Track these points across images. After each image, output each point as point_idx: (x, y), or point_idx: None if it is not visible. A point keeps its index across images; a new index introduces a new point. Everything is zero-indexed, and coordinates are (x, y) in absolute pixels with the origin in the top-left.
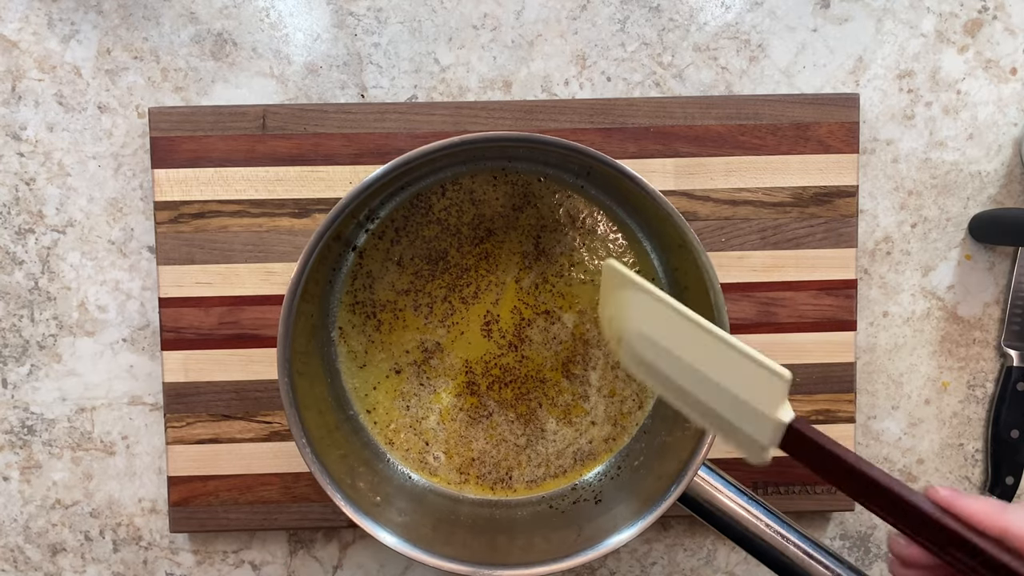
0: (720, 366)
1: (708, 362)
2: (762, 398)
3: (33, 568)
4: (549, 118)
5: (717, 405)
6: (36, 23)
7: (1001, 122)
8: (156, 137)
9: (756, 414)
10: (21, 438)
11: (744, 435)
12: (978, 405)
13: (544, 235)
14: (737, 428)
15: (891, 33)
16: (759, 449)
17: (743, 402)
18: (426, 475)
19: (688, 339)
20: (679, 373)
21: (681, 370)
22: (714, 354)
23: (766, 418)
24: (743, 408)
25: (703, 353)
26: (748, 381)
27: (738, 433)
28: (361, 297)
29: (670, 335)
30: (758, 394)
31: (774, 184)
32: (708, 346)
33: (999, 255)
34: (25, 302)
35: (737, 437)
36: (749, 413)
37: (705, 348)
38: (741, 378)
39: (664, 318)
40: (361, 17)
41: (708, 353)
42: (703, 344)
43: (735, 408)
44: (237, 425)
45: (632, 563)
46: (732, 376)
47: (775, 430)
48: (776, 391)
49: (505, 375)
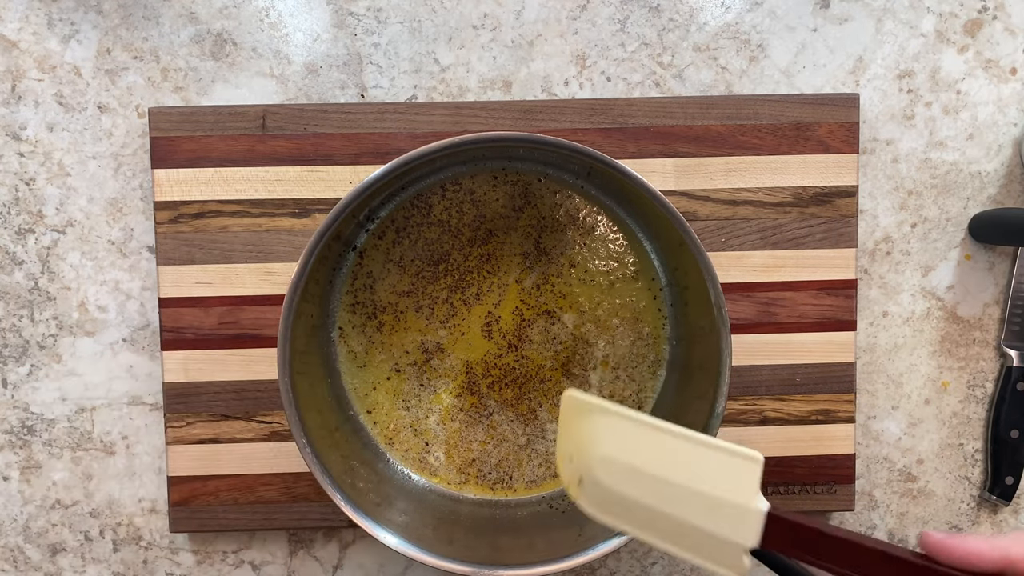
0: (690, 468)
1: (677, 468)
2: (737, 489)
3: (33, 568)
4: (549, 118)
5: (690, 514)
6: (36, 23)
7: (1001, 122)
8: (156, 137)
9: (732, 509)
10: (21, 438)
11: (722, 543)
12: (978, 405)
13: (544, 235)
14: (713, 536)
15: (891, 33)
16: (738, 554)
17: (717, 499)
18: (426, 475)
19: (654, 449)
20: (647, 492)
21: (649, 488)
22: (682, 456)
23: (743, 511)
24: (718, 507)
25: (671, 459)
26: (720, 475)
27: (714, 542)
28: (361, 297)
29: (636, 451)
30: (732, 486)
31: (774, 184)
32: (676, 449)
33: (999, 255)
34: (25, 302)
35: (713, 549)
36: (725, 511)
37: (673, 453)
38: (712, 473)
39: (629, 433)
40: (361, 17)
41: (676, 457)
42: (670, 448)
43: (709, 511)
44: (237, 425)
45: (632, 563)
46: (703, 474)
47: (754, 522)
48: (750, 477)
49: (505, 375)
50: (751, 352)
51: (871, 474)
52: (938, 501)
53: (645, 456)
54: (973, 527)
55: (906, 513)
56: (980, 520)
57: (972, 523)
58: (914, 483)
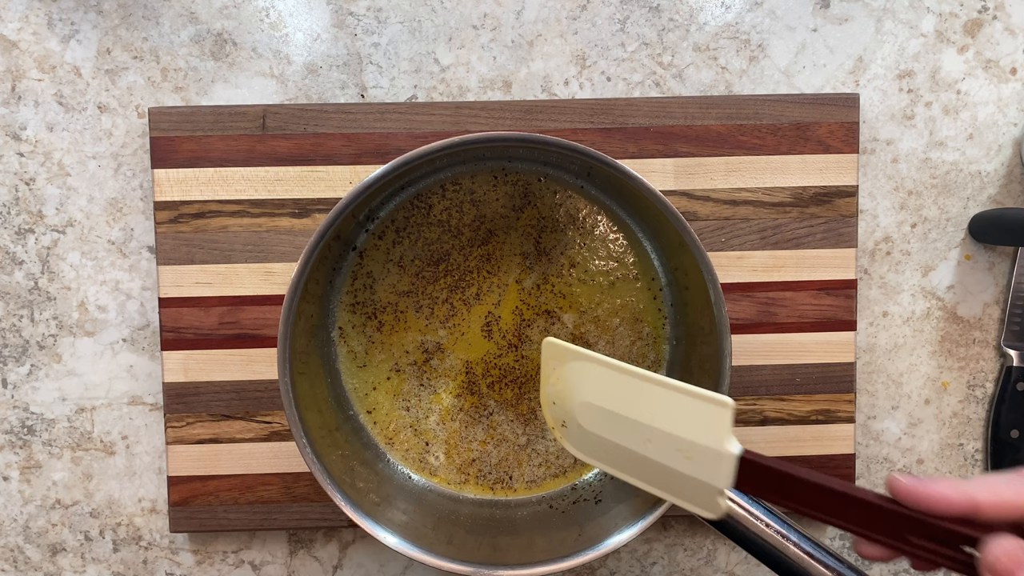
0: (664, 413)
1: (652, 412)
2: (709, 433)
3: (33, 568)
4: (549, 118)
5: (666, 458)
6: (36, 23)
7: (1001, 122)
8: (156, 137)
9: (705, 453)
10: (21, 438)
11: (696, 484)
12: (978, 405)
13: (544, 235)
14: (689, 478)
15: (891, 33)
16: (714, 495)
17: (691, 443)
18: (426, 475)
19: (630, 394)
20: (625, 435)
21: (627, 431)
22: (657, 401)
23: (716, 454)
24: (692, 451)
25: (647, 404)
26: (693, 419)
27: (691, 484)
28: (361, 297)
29: (613, 396)
30: (705, 430)
31: (774, 184)
32: (650, 394)
33: (999, 255)
34: (25, 302)
35: (691, 490)
36: (699, 455)
37: (648, 398)
38: (686, 418)
39: (606, 379)
40: (361, 17)
41: (651, 402)
42: (645, 394)
43: (684, 454)
44: (237, 425)
45: (632, 563)
46: (677, 419)
47: (727, 465)
48: (721, 422)
49: (505, 375)
50: (751, 352)
51: (871, 474)
52: None
53: (621, 401)
54: None
55: None
56: None
57: None
58: None
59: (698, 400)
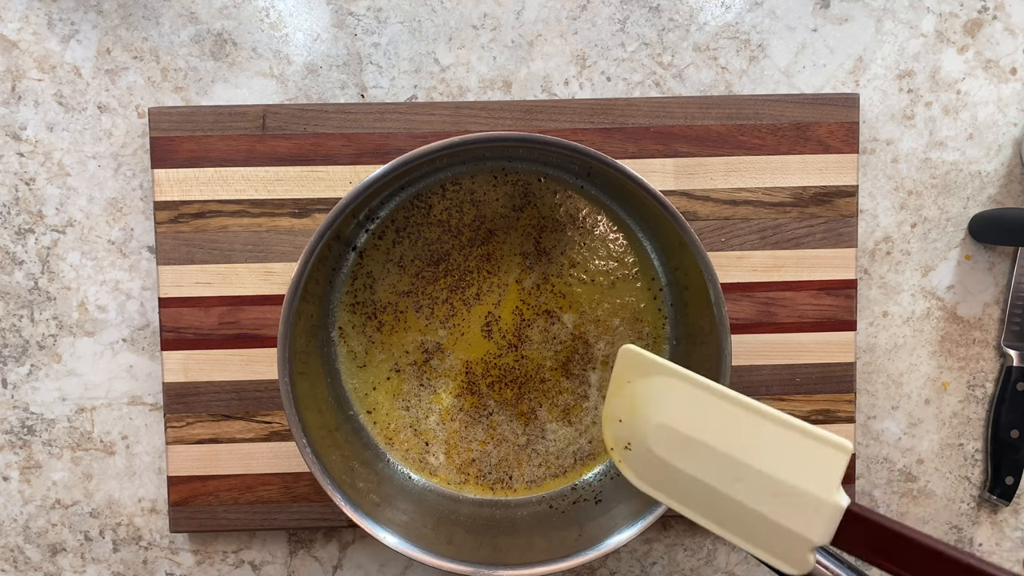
0: (764, 449)
1: (748, 446)
2: (816, 479)
3: (33, 568)
4: (549, 118)
5: (755, 500)
6: (36, 23)
7: (1001, 122)
8: (156, 137)
9: (806, 500)
10: (21, 438)
11: (786, 534)
12: (978, 405)
13: (544, 235)
14: (778, 526)
15: (891, 33)
16: (805, 549)
17: (790, 487)
18: (426, 475)
19: (724, 423)
20: (707, 469)
21: (710, 464)
22: (757, 435)
23: (819, 503)
24: (790, 495)
25: (742, 436)
26: (798, 461)
27: (778, 534)
28: (361, 297)
29: (702, 422)
30: (811, 475)
31: (774, 184)
32: (750, 426)
33: (999, 255)
34: (25, 302)
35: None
36: (797, 501)
37: (745, 429)
38: (790, 458)
39: (695, 402)
40: (361, 17)
41: (749, 435)
42: (743, 424)
43: (779, 499)
44: (237, 425)
45: (632, 563)
46: (779, 458)
47: (830, 517)
48: (833, 468)
49: (505, 375)
50: (751, 352)
51: (871, 474)
52: (938, 501)
53: (711, 429)
54: (973, 527)
55: (906, 513)
56: (980, 520)
57: (972, 523)
58: (914, 483)
59: (812, 440)
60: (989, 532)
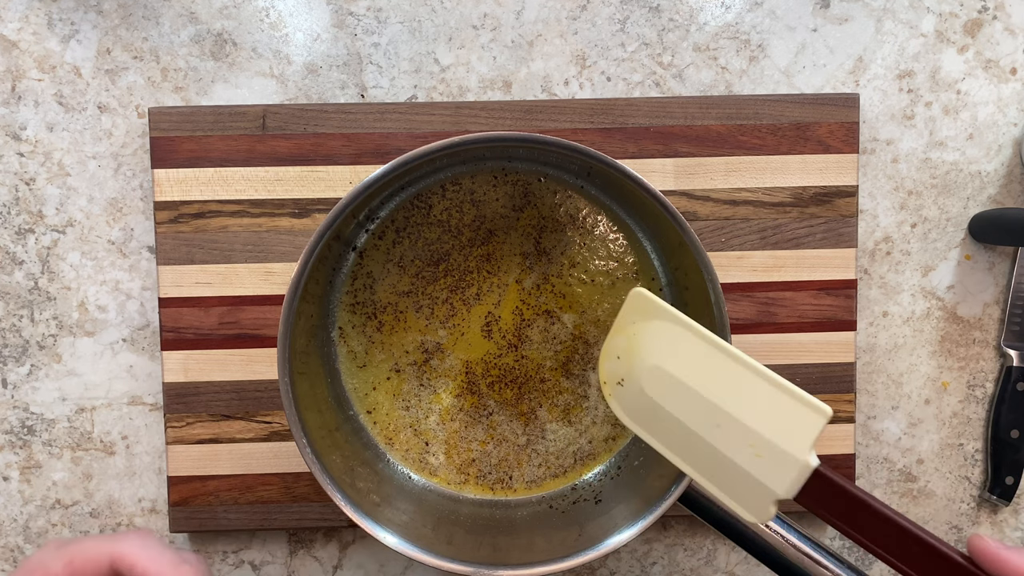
0: (748, 402)
1: (734, 397)
2: (791, 437)
3: None
4: (549, 118)
5: (731, 449)
6: (36, 23)
7: (1001, 122)
8: (156, 137)
9: (779, 456)
10: (21, 438)
11: (753, 484)
12: (978, 405)
13: (544, 235)
14: (747, 475)
15: (891, 33)
16: (767, 500)
17: (767, 442)
18: (426, 475)
19: (716, 372)
20: (691, 413)
21: (697, 409)
22: (745, 388)
23: (790, 460)
24: (764, 449)
25: (732, 387)
26: (778, 417)
27: (746, 483)
28: (361, 297)
29: (695, 368)
30: (789, 433)
31: (774, 184)
32: (739, 378)
33: (999, 255)
34: (25, 302)
35: (743, 488)
36: (770, 456)
37: (735, 381)
38: (772, 414)
39: (692, 349)
40: (361, 17)
41: (737, 387)
42: (734, 376)
43: (755, 450)
44: (237, 425)
45: (632, 563)
46: (761, 413)
47: (798, 475)
48: (811, 428)
49: (505, 375)
50: (751, 352)
51: (871, 474)
52: (938, 501)
53: (702, 376)
54: (973, 527)
55: (906, 513)
56: (980, 520)
57: (972, 523)
58: (914, 483)
59: (794, 400)
60: (989, 532)
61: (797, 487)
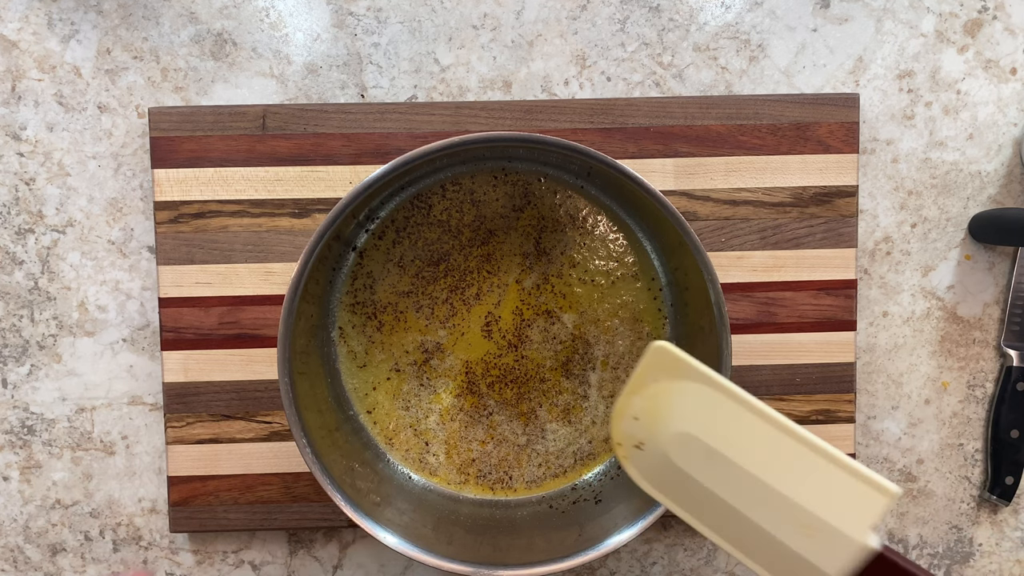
0: (796, 475)
1: (779, 471)
2: (849, 517)
3: (33, 568)
4: (549, 118)
5: (776, 527)
6: (36, 23)
7: (1001, 122)
8: (156, 137)
9: (831, 535)
10: (21, 438)
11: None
12: (978, 405)
13: (545, 235)
14: (796, 557)
15: (891, 33)
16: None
17: (820, 521)
18: (426, 475)
19: (757, 442)
20: (728, 486)
21: (731, 481)
22: (792, 460)
23: (846, 542)
24: (815, 528)
25: (775, 459)
26: (832, 494)
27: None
28: (361, 298)
29: (731, 437)
30: (845, 512)
31: (774, 184)
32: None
33: (999, 255)
34: (25, 302)
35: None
36: (823, 536)
37: (780, 453)
38: (823, 491)
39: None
40: (361, 17)
41: (783, 459)
42: (779, 448)
43: (805, 530)
44: (237, 425)
45: (632, 563)
46: (810, 488)
47: (853, 557)
48: (871, 510)
49: (505, 375)
50: (751, 352)
51: None
52: (938, 501)
53: (741, 445)
54: (973, 527)
55: (906, 513)
56: (980, 520)
57: (972, 523)
58: (914, 483)
59: (852, 477)
60: (989, 532)
61: (852, 570)
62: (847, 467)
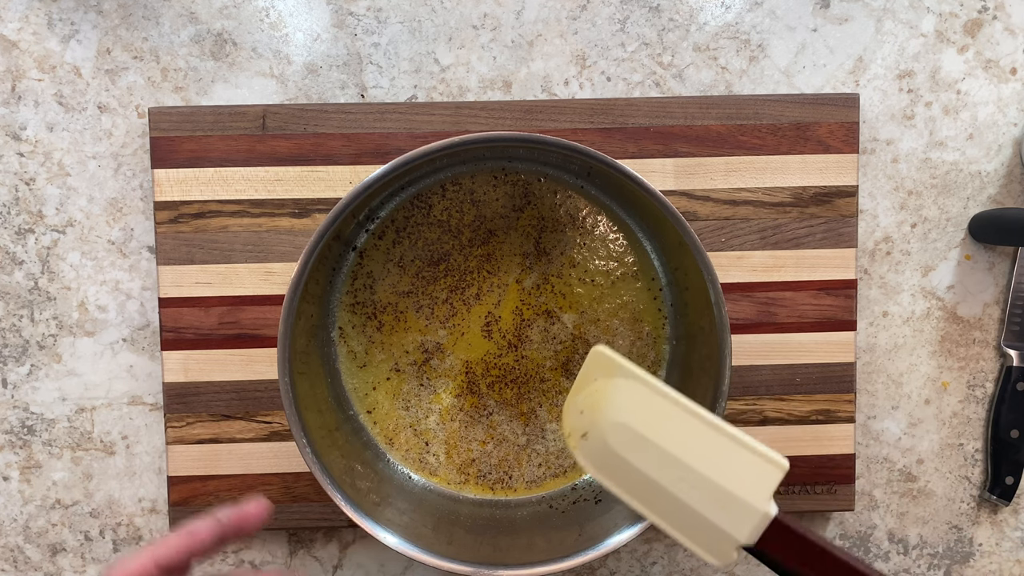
0: (708, 454)
1: (694, 451)
2: (750, 488)
3: (33, 568)
4: (549, 118)
5: (694, 499)
6: (36, 23)
7: (1001, 122)
8: (156, 137)
9: (740, 505)
10: (21, 438)
11: (716, 531)
12: (978, 405)
13: (545, 235)
14: (709, 523)
15: (891, 33)
16: (729, 547)
17: (726, 492)
18: (426, 475)
19: (676, 427)
20: (656, 467)
21: (657, 462)
22: (704, 442)
23: (750, 509)
24: (725, 499)
25: (690, 441)
26: (737, 469)
27: (708, 530)
28: (361, 297)
29: (655, 424)
30: (746, 483)
31: (774, 184)
32: (698, 433)
33: (999, 255)
34: (25, 302)
35: (705, 535)
36: (732, 505)
37: (694, 436)
38: (730, 466)
39: (652, 406)
40: (361, 17)
41: (697, 441)
42: (693, 432)
43: (714, 500)
44: (237, 425)
45: (632, 563)
46: (719, 464)
47: (758, 523)
48: (768, 480)
49: (505, 375)
50: (751, 352)
51: (871, 474)
52: (938, 501)
53: (664, 432)
54: (973, 527)
55: (906, 513)
56: (980, 520)
57: (972, 523)
58: (914, 483)
59: (751, 453)
60: (989, 532)
61: (757, 534)
62: (746, 445)
